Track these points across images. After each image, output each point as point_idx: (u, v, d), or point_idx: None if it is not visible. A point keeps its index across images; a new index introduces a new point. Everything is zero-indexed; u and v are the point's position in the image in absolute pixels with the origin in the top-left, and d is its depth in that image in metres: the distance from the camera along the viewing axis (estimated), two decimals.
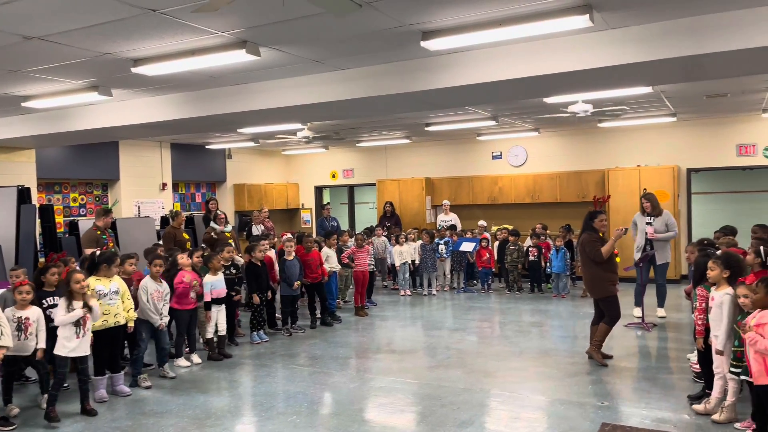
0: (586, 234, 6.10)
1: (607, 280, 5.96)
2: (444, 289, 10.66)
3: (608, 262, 5.97)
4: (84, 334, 4.88)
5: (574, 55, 5.01)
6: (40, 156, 9.89)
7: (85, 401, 4.98)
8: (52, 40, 4.72)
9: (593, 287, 6.14)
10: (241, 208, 13.66)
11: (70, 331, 4.82)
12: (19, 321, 4.79)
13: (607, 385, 5.40)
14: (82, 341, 4.87)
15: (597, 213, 6.22)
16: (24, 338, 4.79)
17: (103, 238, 7.43)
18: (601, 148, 11.80)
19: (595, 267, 5.97)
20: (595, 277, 6.04)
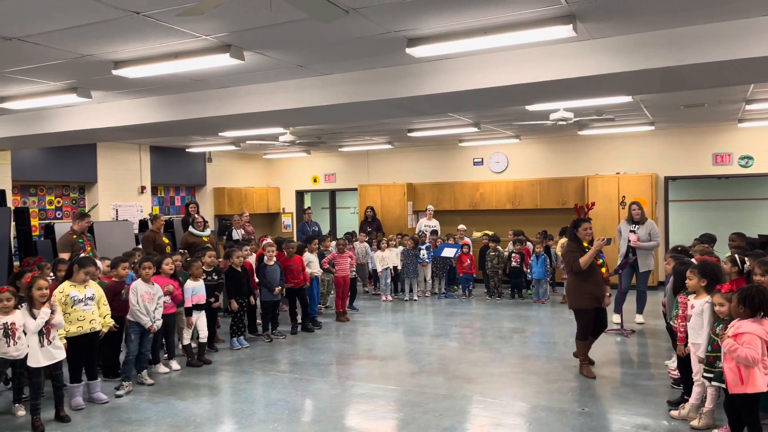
0: (568, 243, 6.02)
1: (582, 292, 5.75)
2: (425, 294, 10.67)
3: (588, 274, 5.70)
4: (49, 342, 4.77)
5: (557, 64, 5.07)
6: (16, 158, 9.70)
7: (59, 407, 4.89)
8: (31, 41, 4.63)
9: (568, 296, 6.08)
10: (221, 212, 13.54)
11: (34, 341, 4.71)
12: (5, 327, 4.67)
13: (588, 390, 5.44)
14: (47, 349, 4.76)
15: (581, 221, 5.93)
16: (13, 343, 4.68)
17: (80, 242, 7.29)
18: (580, 155, 11.94)
19: (573, 276, 5.84)
20: (570, 286, 5.97)
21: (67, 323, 5.03)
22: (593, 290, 5.73)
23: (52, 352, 4.79)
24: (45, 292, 4.76)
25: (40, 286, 4.75)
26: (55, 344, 4.82)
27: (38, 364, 4.73)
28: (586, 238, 5.84)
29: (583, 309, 5.77)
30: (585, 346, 5.91)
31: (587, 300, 5.74)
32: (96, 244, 8.50)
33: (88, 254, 6.80)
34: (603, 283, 5.82)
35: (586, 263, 5.66)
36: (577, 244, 5.84)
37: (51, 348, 4.79)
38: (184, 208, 12.11)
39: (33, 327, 4.69)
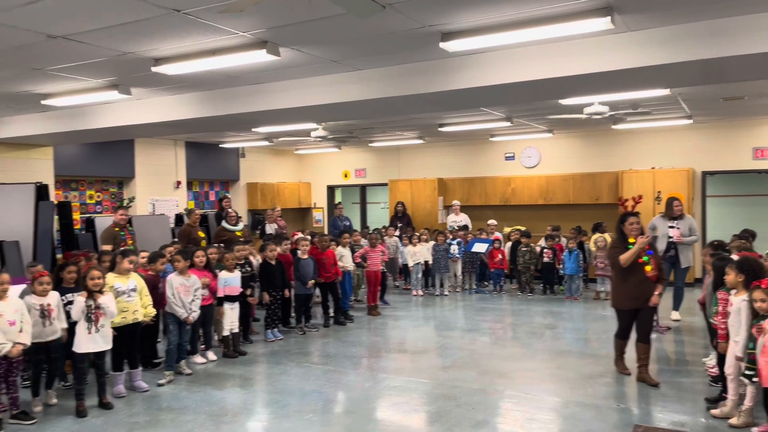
0: (613, 239, 5.76)
1: (622, 290, 5.51)
2: (456, 289, 10.67)
3: (630, 272, 5.39)
4: (97, 330, 4.92)
5: (593, 57, 5.02)
6: (58, 153, 10.00)
7: (102, 395, 5.06)
8: (75, 39, 4.78)
9: (611, 294, 5.83)
10: (254, 207, 13.73)
11: (83, 327, 4.89)
12: (42, 308, 4.91)
13: (623, 387, 5.39)
14: (95, 337, 4.92)
15: (628, 216, 5.55)
16: (48, 324, 4.92)
17: (121, 235, 7.50)
18: (615, 149, 11.76)
19: (614, 274, 5.61)
20: (612, 284, 5.75)
21: None
22: (634, 290, 5.42)
23: (98, 340, 4.95)
24: (98, 281, 4.93)
25: (93, 276, 4.92)
26: (103, 333, 4.97)
27: (83, 350, 4.90)
28: (632, 234, 5.47)
29: (622, 309, 5.56)
30: (621, 345, 5.72)
31: (626, 300, 5.49)
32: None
33: (129, 247, 6.98)
34: (647, 282, 5.41)
35: (627, 261, 5.36)
36: (621, 239, 5.55)
37: (98, 336, 4.94)
38: (218, 203, 12.31)
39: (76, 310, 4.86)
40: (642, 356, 5.46)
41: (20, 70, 5.80)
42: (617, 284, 5.58)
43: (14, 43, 4.87)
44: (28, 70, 5.81)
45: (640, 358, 5.46)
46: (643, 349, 5.46)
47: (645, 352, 5.46)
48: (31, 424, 4.70)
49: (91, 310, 4.89)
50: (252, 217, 13.35)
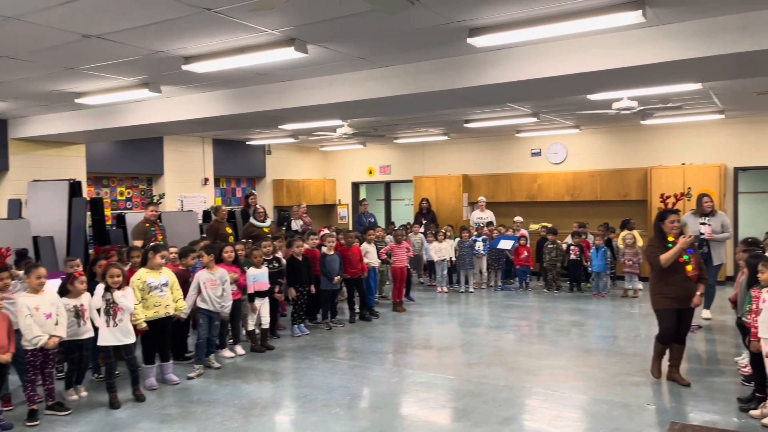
0: (650, 237, 5.50)
1: (662, 291, 5.24)
2: (481, 286, 10.63)
3: (670, 272, 5.14)
4: (115, 324, 5.01)
5: (624, 52, 4.96)
6: (90, 151, 10.21)
7: (135, 387, 5.18)
8: (108, 38, 4.88)
9: (650, 295, 5.47)
10: (279, 203, 13.85)
11: (102, 321, 5.01)
12: (76, 309, 5.04)
13: (652, 386, 5.32)
14: (113, 331, 5.01)
15: (668, 213, 5.30)
16: (83, 323, 5.06)
17: (152, 231, 7.64)
18: (643, 145, 11.59)
19: (653, 274, 5.32)
20: (651, 284, 5.42)
21: (144, 308, 5.32)
22: (675, 290, 5.17)
23: (118, 334, 5.03)
24: (117, 279, 5.03)
25: (112, 273, 5.02)
26: (121, 327, 5.05)
27: (106, 342, 5.01)
28: (673, 233, 5.22)
29: (663, 310, 5.27)
30: (661, 350, 5.40)
31: (667, 301, 5.21)
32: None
33: (159, 243, 7.10)
34: (688, 281, 5.19)
35: (668, 261, 5.09)
36: (659, 238, 5.27)
37: (117, 331, 5.02)
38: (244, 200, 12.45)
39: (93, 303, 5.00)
40: (675, 356, 5.35)
41: (55, 70, 5.94)
42: (657, 285, 5.29)
43: (50, 43, 4.99)
44: (63, 70, 5.95)
45: (673, 358, 5.36)
46: (678, 349, 5.34)
47: (680, 352, 5.35)
48: (66, 414, 4.83)
49: (109, 304, 4.99)
50: (278, 214, 13.46)
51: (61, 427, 4.61)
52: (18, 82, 6.43)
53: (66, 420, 4.75)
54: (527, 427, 4.48)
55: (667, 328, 5.27)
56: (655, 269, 5.25)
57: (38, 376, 4.77)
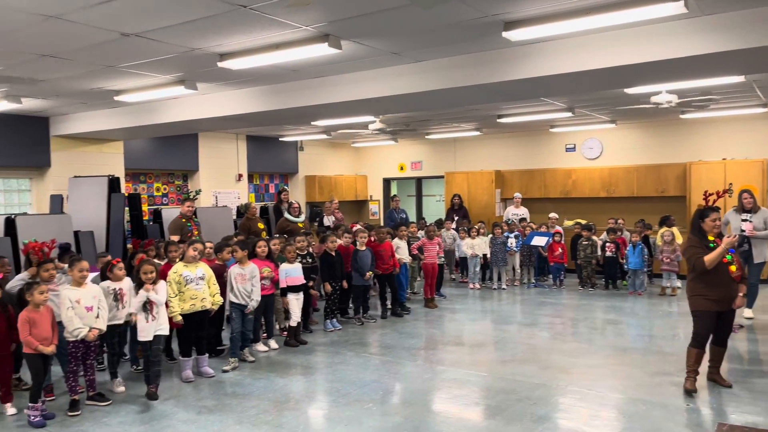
0: (689, 236, 5.13)
1: (701, 293, 4.93)
2: (514, 283, 10.53)
3: (712, 272, 4.85)
4: (154, 318, 5.11)
5: (663, 44, 4.84)
6: (127, 147, 10.44)
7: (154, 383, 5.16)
8: (146, 36, 4.96)
9: (688, 296, 5.13)
10: (311, 199, 13.95)
11: (141, 317, 5.11)
12: (115, 292, 5.21)
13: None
14: (151, 326, 5.11)
15: (709, 211, 5.01)
16: (121, 307, 5.22)
17: (188, 226, 7.77)
18: (682, 140, 11.30)
19: (693, 275, 5.00)
20: (689, 284, 5.08)
21: (180, 301, 5.42)
22: (717, 293, 4.89)
23: (153, 328, 5.13)
24: (150, 276, 5.13)
25: (146, 270, 5.13)
26: (159, 320, 5.16)
27: (146, 338, 5.11)
28: (714, 231, 4.96)
29: (703, 312, 4.94)
30: (697, 356, 5.01)
31: (708, 303, 4.91)
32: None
33: (195, 238, 7.22)
34: (731, 282, 4.93)
35: (712, 262, 4.78)
36: (699, 237, 4.98)
37: (155, 323, 5.13)
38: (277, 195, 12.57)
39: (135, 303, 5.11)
40: (715, 358, 5.16)
41: (95, 68, 6.07)
42: (697, 286, 4.97)
43: (90, 42, 5.11)
44: (102, 68, 6.08)
45: (714, 359, 5.16)
46: (719, 352, 5.14)
47: (720, 354, 5.15)
48: (106, 405, 4.95)
49: (145, 301, 5.10)
50: (310, 209, 13.56)
51: (102, 417, 4.73)
52: (60, 80, 6.60)
53: (106, 410, 4.87)
54: (562, 426, 4.42)
55: (704, 332, 4.99)
56: (696, 271, 4.94)
57: (80, 367, 4.89)
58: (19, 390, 5.20)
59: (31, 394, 4.61)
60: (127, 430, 4.47)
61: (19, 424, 4.61)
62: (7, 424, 4.63)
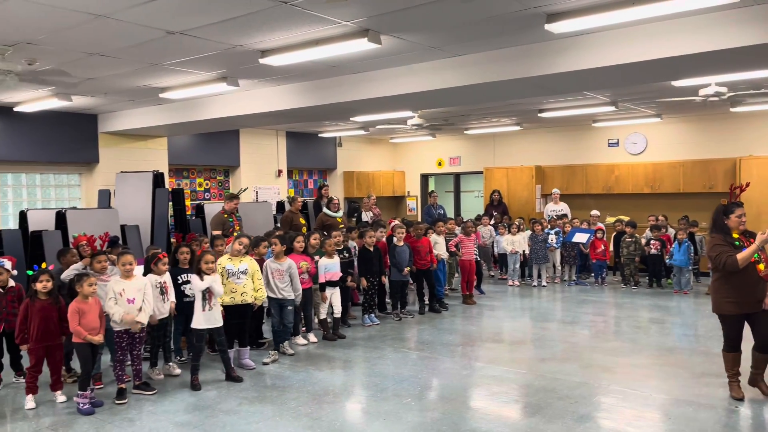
0: (712, 235, 4.78)
1: (727, 294, 4.66)
2: (554, 281, 10.37)
3: (739, 273, 4.56)
4: (210, 308, 5.25)
5: (713, 34, 4.68)
6: (171, 143, 10.68)
7: (229, 369, 5.41)
8: (190, 34, 5.06)
9: (711, 298, 4.86)
10: (350, 195, 14.01)
11: (198, 306, 5.24)
12: (160, 285, 5.36)
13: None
14: (208, 314, 5.24)
15: (733, 206, 4.72)
16: (166, 299, 5.39)
17: (230, 221, 7.91)
18: (732, 134, 10.92)
19: (717, 275, 4.73)
20: (714, 285, 4.80)
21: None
22: (744, 294, 4.61)
23: (211, 318, 5.28)
24: (212, 265, 5.26)
25: (207, 260, 5.26)
26: (215, 311, 5.30)
27: (200, 326, 5.25)
28: (740, 228, 4.69)
29: (730, 315, 4.71)
30: (734, 359, 4.78)
31: (734, 305, 4.65)
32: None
33: (237, 233, 7.34)
34: (759, 282, 4.61)
35: (745, 261, 4.48)
36: (723, 235, 4.68)
37: (211, 314, 5.28)
38: (317, 191, 12.67)
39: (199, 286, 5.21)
40: (758, 365, 4.77)
41: (141, 66, 6.23)
42: (722, 287, 4.69)
43: (137, 40, 5.24)
44: (148, 65, 6.23)
45: (757, 366, 4.78)
46: (762, 359, 4.72)
47: (763, 362, 4.74)
48: (151, 394, 5.09)
49: (205, 290, 5.21)
50: (348, 205, 13.63)
51: (148, 406, 4.86)
52: (108, 78, 6.79)
53: (152, 399, 5.01)
54: (604, 425, 4.33)
55: (734, 334, 4.74)
56: (725, 270, 4.59)
57: (126, 356, 5.04)
58: (68, 379, 5.39)
59: (80, 382, 4.78)
60: (171, 418, 4.58)
61: (69, 411, 4.78)
62: (57, 411, 4.81)
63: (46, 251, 7.39)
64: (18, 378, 5.46)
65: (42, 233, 7.58)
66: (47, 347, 4.90)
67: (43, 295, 4.89)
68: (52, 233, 7.69)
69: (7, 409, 4.90)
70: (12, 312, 5.22)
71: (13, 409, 4.89)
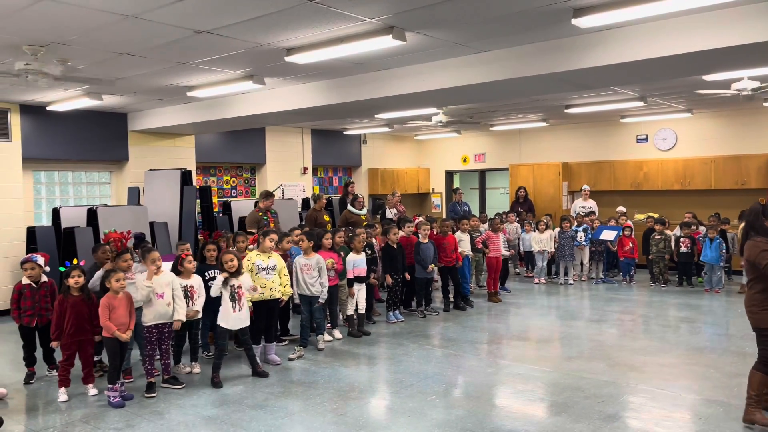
0: (755, 240, 4.14)
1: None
2: (581, 279, 10.25)
3: None
4: (240, 308, 5.27)
5: (747, 27, 4.56)
6: (198, 141, 10.82)
7: (254, 365, 5.46)
8: (218, 33, 5.12)
9: (752, 312, 4.20)
10: (374, 192, 14.04)
11: (227, 305, 5.25)
12: (185, 289, 5.36)
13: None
14: (238, 315, 5.27)
15: None
16: (192, 304, 5.37)
17: (264, 219, 8.01)
18: (765, 129, 10.67)
19: (759, 285, 4.13)
20: (754, 298, 4.17)
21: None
22: None
23: (241, 318, 5.31)
24: (232, 264, 5.28)
25: (225, 259, 5.30)
26: (244, 311, 5.33)
27: (228, 326, 5.28)
28: None
29: None
30: (763, 381, 4.19)
31: None
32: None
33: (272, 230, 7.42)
34: None
35: None
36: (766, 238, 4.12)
37: (241, 314, 5.30)
38: (342, 188, 12.72)
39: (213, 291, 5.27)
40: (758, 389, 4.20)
41: (169, 65, 6.32)
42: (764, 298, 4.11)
43: (165, 39, 5.32)
44: (176, 65, 6.32)
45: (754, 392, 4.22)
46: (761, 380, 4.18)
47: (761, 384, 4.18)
48: (180, 388, 5.17)
49: (234, 289, 5.25)
50: (373, 202, 13.66)
51: (176, 400, 4.94)
52: (137, 77, 6.91)
53: (180, 393, 5.10)
54: (632, 425, 4.28)
55: None
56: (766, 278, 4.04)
57: (155, 351, 5.14)
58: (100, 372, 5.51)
59: (109, 376, 4.87)
60: (199, 412, 4.66)
61: (100, 404, 4.89)
62: (89, 403, 4.92)
63: (78, 247, 7.56)
64: (51, 371, 5.60)
65: (74, 230, 7.76)
66: (79, 341, 5.02)
67: (76, 291, 5.01)
68: (83, 230, 7.86)
69: (41, 402, 5.03)
70: (44, 307, 5.37)
71: (47, 401, 5.02)
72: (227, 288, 5.24)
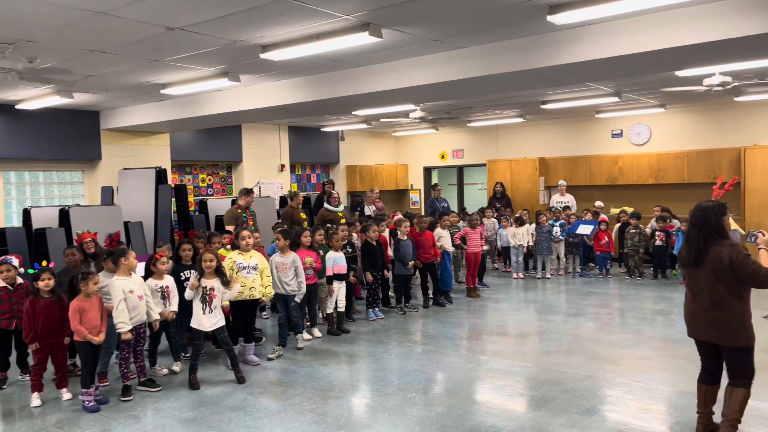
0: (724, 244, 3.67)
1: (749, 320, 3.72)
2: (558, 273, 10.35)
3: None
4: (210, 310, 5.15)
5: (717, 24, 4.63)
6: (173, 139, 10.67)
7: (235, 368, 5.31)
8: (191, 30, 5.03)
9: (730, 330, 3.70)
10: (353, 189, 14.00)
11: (198, 307, 5.16)
12: (161, 290, 5.28)
13: None
14: (208, 317, 5.16)
15: (725, 208, 3.88)
16: (168, 304, 5.30)
17: (243, 216, 7.92)
18: (737, 124, 10.85)
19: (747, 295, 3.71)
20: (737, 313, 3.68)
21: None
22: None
23: (212, 319, 5.20)
24: (211, 264, 5.19)
25: (206, 258, 5.21)
26: (216, 313, 5.22)
27: (201, 327, 5.19)
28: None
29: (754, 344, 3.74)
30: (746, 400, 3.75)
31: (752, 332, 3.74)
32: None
33: (250, 228, 7.34)
34: None
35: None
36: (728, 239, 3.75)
37: (212, 316, 5.19)
38: (321, 186, 12.66)
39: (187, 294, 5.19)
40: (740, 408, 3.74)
41: (142, 62, 6.21)
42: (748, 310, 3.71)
43: (137, 37, 5.21)
44: (149, 62, 6.21)
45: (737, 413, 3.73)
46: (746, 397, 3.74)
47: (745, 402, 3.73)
48: (156, 391, 5.10)
49: (205, 291, 5.15)
50: (351, 199, 13.61)
51: (152, 403, 4.87)
52: (108, 75, 6.77)
53: (157, 396, 5.02)
54: (610, 418, 4.33)
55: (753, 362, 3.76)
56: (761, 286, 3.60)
57: (131, 354, 5.05)
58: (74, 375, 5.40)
59: (83, 380, 4.78)
60: (177, 415, 4.59)
61: (75, 408, 4.79)
62: (63, 408, 4.82)
63: (50, 249, 7.40)
64: (23, 376, 5.48)
65: (46, 231, 7.59)
66: (51, 345, 4.91)
67: (46, 294, 4.90)
68: (55, 231, 7.70)
69: (14, 407, 4.92)
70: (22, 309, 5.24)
71: (20, 406, 4.91)
72: (198, 290, 5.15)
